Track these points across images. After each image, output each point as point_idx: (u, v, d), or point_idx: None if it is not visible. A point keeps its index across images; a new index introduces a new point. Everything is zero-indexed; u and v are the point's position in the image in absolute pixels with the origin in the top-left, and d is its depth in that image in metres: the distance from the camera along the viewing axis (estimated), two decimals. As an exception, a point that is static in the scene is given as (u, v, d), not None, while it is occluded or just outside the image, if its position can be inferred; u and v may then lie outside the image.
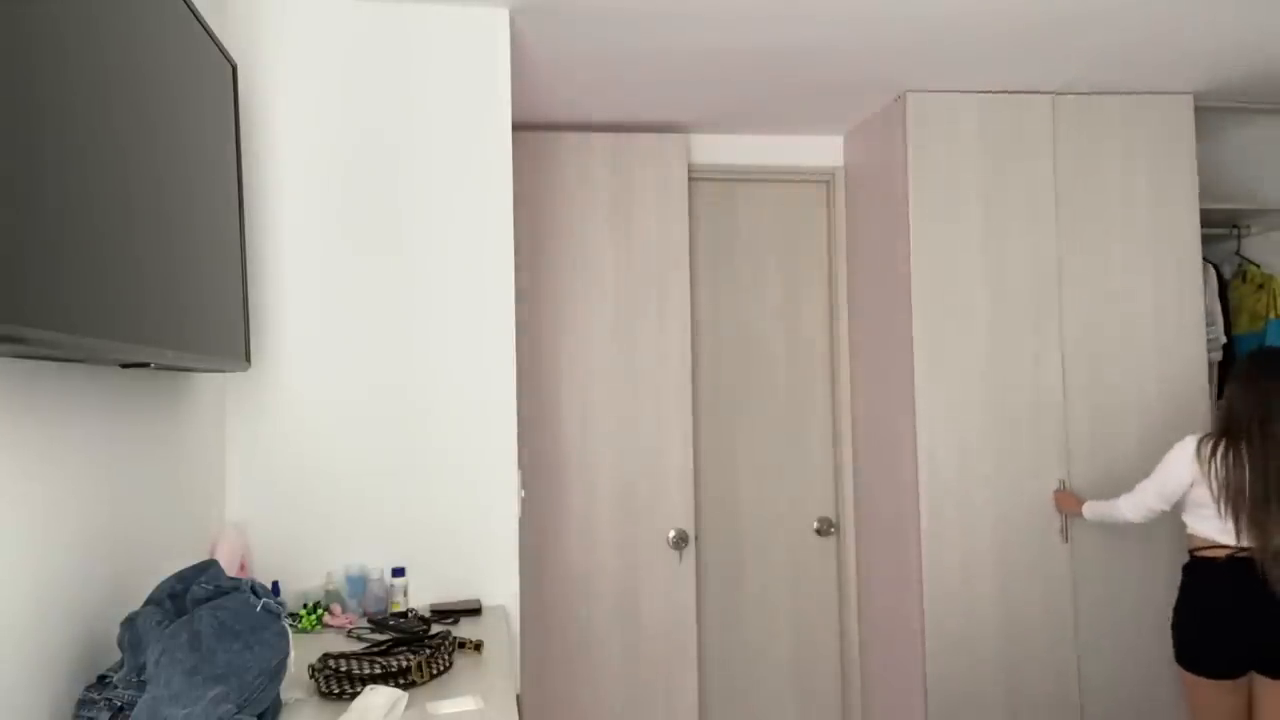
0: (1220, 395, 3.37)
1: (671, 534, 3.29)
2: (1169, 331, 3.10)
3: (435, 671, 1.74)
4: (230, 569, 2.04)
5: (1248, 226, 3.50)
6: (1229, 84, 3.06)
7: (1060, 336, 3.06)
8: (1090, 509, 2.81)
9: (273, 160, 2.34)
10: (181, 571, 1.45)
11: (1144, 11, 2.49)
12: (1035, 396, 3.04)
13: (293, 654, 1.43)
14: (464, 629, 2.12)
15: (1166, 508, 2.60)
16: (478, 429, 2.39)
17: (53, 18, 1.11)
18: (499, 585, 2.37)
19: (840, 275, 3.55)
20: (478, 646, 1.93)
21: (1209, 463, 2.46)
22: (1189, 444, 2.54)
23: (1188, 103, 3.13)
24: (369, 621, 2.15)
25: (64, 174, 1.13)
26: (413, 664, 1.69)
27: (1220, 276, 3.47)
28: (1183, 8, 2.47)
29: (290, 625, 1.46)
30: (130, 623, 1.37)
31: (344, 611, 2.21)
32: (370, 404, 2.35)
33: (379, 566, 2.31)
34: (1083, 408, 3.05)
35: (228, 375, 2.29)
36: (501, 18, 2.43)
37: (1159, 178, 3.12)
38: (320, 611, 2.17)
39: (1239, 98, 3.18)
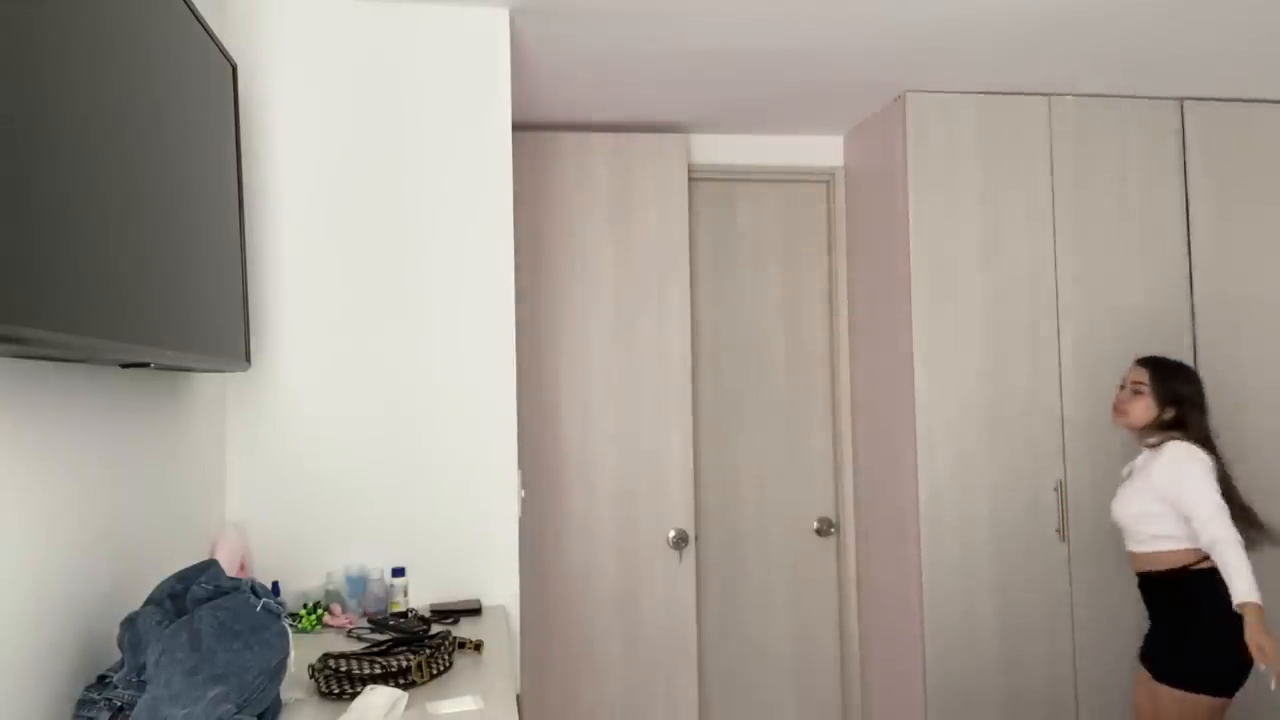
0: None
1: (671, 534, 3.29)
2: (1160, 332, 3.11)
3: (435, 671, 1.74)
4: (230, 569, 2.04)
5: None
6: (1226, 84, 3.06)
7: (1058, 336, 3.06)
8: (1248, 587, 2.30)
9: (273, 160, 2.34)
10: (181, 571, 1.45)
11: (1138, 14, 2.49)
12: (1033, 396, 3.04)
13: (293, 654, 1.43)
14: (464, 629, 2.12)
15: None
16: (478, 429, 2.39)
17: (54, 18, 1.11)
18: (499, 585, 2.37)
19: (840, 275, 3.55)
20: (478, 646, 1.93)
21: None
22: (1199, 452, 2.45)
23: (1173, 107, 3.15)
24: (369, 621, 2.15)
25: (64, 174, 1.13)
26: (413, 664, 1.69)
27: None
28: (1176, 10, 2.47)
29: (290, 625, 1.47)
30: (130, 623, 1.37)
31: (344, 611, 2.21)
32: (370, 404, 2.35)
33: (379, 566, 2.31)
34: (1079, 407, 3.05)
35: (228, 375, 2.29)
36: (501, 18, 2.43)
37: (1149, 179, 3.13)
38: (320, 611, 2.17)
39: (1235, 98, 3.18)
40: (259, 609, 1.38)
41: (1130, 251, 3.11)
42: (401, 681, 1.66)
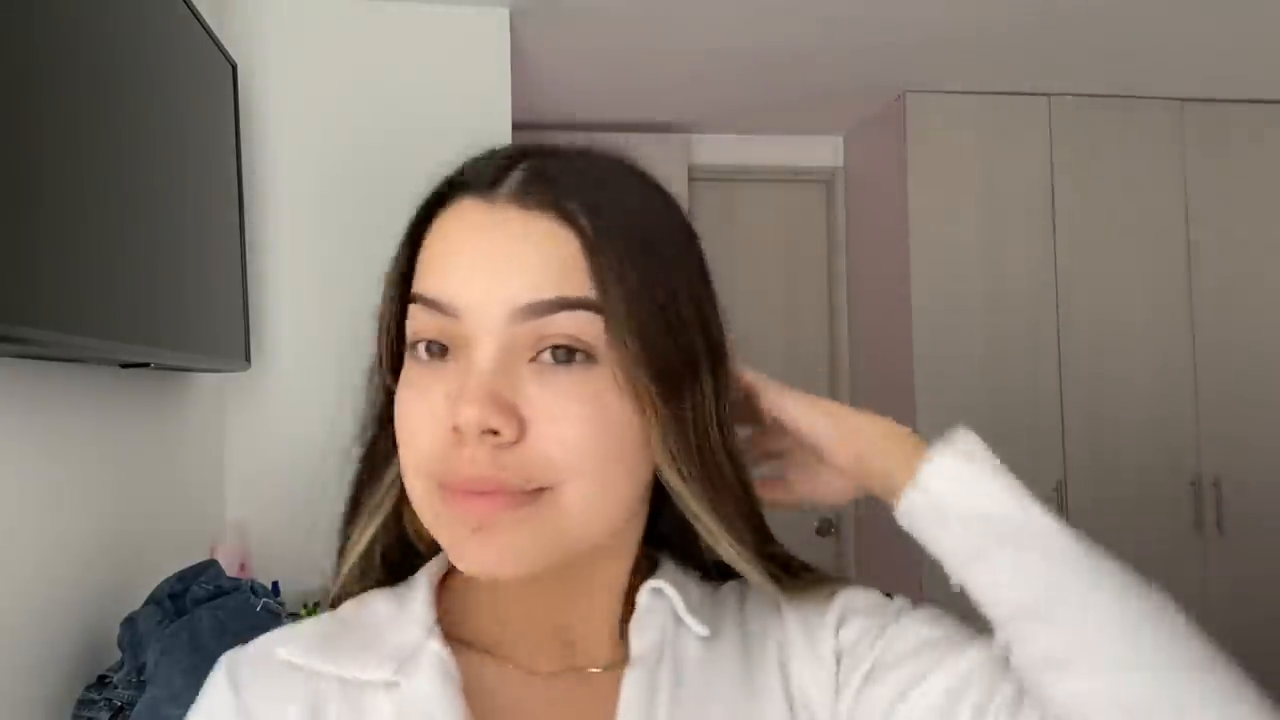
0: None
1: (671, 534, 3.29)
2: (1160, 332, 3.10)
3: (435, 671, 1.74)
4: (230, 569, 2.04)
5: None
6: (1226, 84, 3.06)
7: (1058, 336, 3.05)
8: None
9: (273, 160, 2.34)
10: (181, 571, 1.45)
11: (1138, 14, 2.49)
12: (1033, 396, 3.03)
13: (293, 654, 1.43)
14: (464, 629, 2.11)
15: None
16: (478, 429, 2.39)
17: (53, 18, 1.11)
18: (499, 585, 2.36)
19: (840, 275, 3.55)
20: (478, 646, 1.93)
21: None
22: None
23: (1174, 107, 3.15)
24: (369, 621, 2.14)
25: (64, 174, 1.13)
26: (413, 664, 1.68)
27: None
28: (1176, 10, 2.47)
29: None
30: (130, 623, 1.37)
31: (344, 611, 2.21)
32: (370, 404, 2.34)
33: (379, 566, 2.31)
34: (1079, 407, 3.05)
35: (228, 375, 2.29)
36: (501, 18, 2.43)
37: (1149, 179, 3.13)
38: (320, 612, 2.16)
39: (1235, 98, 3.18)
40: (259, 609, 1.38)
41: (1130, 251, 3.11)
42: (401, 681, 1.66)
